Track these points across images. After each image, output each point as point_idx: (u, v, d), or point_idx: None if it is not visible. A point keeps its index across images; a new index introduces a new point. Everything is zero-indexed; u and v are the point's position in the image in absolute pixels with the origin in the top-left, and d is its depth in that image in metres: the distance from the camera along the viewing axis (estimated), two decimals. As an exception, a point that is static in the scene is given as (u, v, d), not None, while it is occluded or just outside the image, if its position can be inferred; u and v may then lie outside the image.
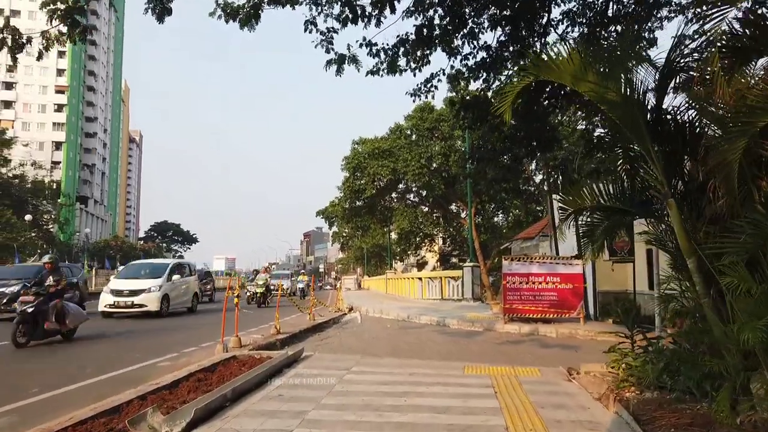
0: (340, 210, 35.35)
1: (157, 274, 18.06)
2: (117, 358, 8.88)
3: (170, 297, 17.72)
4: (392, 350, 10.21)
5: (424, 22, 10.46)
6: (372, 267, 66.61)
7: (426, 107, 29.37)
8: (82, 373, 7.51)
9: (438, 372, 7.09)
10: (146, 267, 19.52)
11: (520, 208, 34.05)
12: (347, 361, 7.78)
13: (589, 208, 5.19)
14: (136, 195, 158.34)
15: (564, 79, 4.42)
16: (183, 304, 19.22)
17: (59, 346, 10.69)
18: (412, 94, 12.48)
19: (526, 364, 8.45)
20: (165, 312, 17.17)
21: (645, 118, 4.33)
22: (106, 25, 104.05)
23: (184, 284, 19.36)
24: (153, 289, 17.03)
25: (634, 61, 4.32)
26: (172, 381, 6.25)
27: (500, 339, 12.29)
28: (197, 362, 7.63)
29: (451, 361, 8.41)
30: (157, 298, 16.94)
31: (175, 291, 18.41)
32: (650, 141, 4.28)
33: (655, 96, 4.51)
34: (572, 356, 9.82)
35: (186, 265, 21.18)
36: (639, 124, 4.24)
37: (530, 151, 13.62)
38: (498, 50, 11.86)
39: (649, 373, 4.92)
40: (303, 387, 6.15)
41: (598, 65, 4.23)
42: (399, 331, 14.04)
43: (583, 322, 13.94)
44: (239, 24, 9.85)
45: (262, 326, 13.27)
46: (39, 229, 54.11)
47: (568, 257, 15.06)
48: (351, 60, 9.69)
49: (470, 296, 23.12)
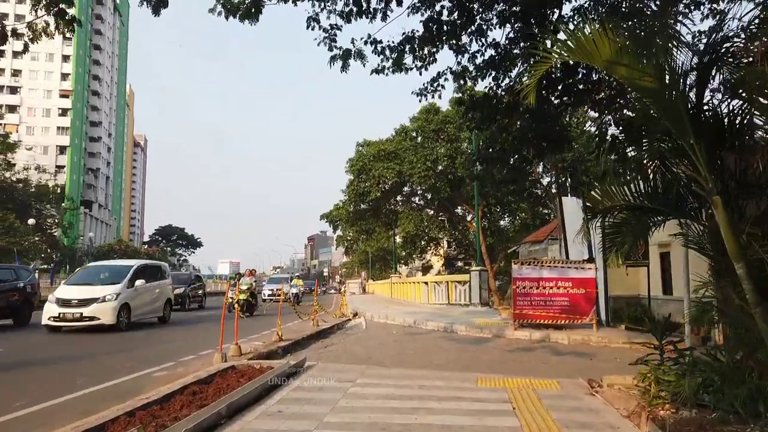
0: (344, 213, 34.94)
1: (118, 278, 15.04)
2: (110, 368, 8.46)
3: (132, 306, 14.74)
4: (399, 359, 9.76)
5: (432, 16, 10.06)
6: (376, 271, 66.12)
7: (432, 108, 28.97)
8: (71, 385, 7.08)
9: (449, 384, 6.63)
10: (105, 270, 16.25)
11: (527, 211, 33.56)
12: (352, 372, 7.33)
13: (617, 207, 4.75)
14: (140, 199, 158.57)
15: (595, 62, 3.98)
16: (151, 314, 16.35)
17: (52, 352, 10.30)
18: (418, 94, 12.09)
19: (541, 373, 8.00)
20: (124, 325, 14.21)
21: (686, 108, 3.88)
22: (110, 30, 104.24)
23: (151, 290, 16.32)
24: (108, 298, 13.95)
25: (673, 42, 3.87)
26: (165, 395, 5.82)
27: (511, 346, 11.83)
28: (194, 372, 7.20)
29: (463, 372, 7.94)
30: (113, 308, 13.86)
31: (140, 299, 15.41)
32: (692, 133, 3.83)
33: (696, 83, 4.07)
34: (588, 365, 9.39)
35: (157, 267, 18.34)
36: (680, 114, 3.80)
37: (540, 151, 13.21)
38: (507, 47, 11.48)
39: (686, 389, 4.45)
40: (305, 402, 5.71)
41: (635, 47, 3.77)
42: (405, 337, 13.58)
43: (596, 329, 13.47)
44: (239, 18, 9.49)
45: (264, 333, 12.85)
46: (42, 233, 53.95)
47: (580, 261, 14.60)
48: (357, 55, 9.27)
49: (478, 301, 22.61)
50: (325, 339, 12.97)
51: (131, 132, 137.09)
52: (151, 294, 16.29)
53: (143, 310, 15.70)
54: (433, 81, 11.86)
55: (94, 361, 9.62)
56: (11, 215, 45.10)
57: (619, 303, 16.11)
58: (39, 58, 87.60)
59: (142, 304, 15.56)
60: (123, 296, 14.41)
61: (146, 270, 16.49)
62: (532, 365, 9.27)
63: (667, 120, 3.90)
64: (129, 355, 10.11)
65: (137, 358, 9.65)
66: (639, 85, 3.87)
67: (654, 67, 3.72)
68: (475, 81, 12.26)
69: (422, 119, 29.31)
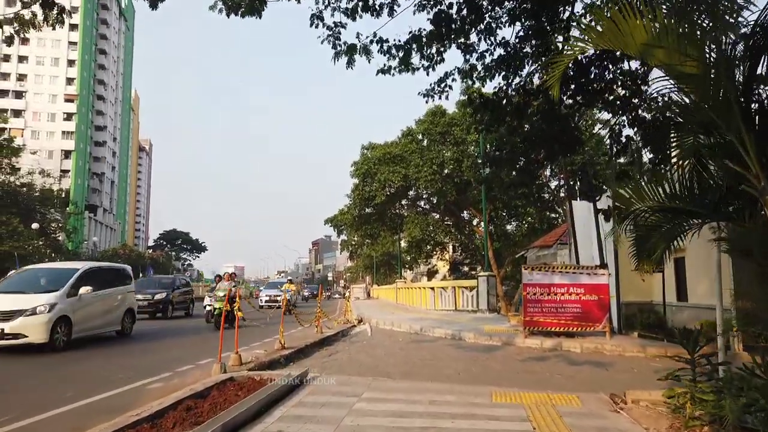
0: (349, 218, 34.52)
1: (56, 285, 12.10)
2: (104, 379, 8.07)
3: (74, 320, 11.91)
4: (407, 369, 9.33)
5: (439, 12, 9.70)
6: (381, 275, 65.68)
7: (438, 111, 28.55)
8: (61, 398, 6.69)
9: (462, 399, 6.19)
10: (44, 274, 13.06)
11: (534, 215, 33.07)
12: (357, 386, 6.90)
13: (648, 208, 4.33)
14: (146, 204, 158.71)
15: (629, 48, 3.58)
16: (105, 327, 13.54)
17: (44, 361, 9.92)
18: (425, 95, 11.74)
19: (557, 386, 7.57)
20: (61, 343, 11.43)
21: (736, 96, 3.47)
22: (116, 35, 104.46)
23: (105, 299, 13.44)
24: (40, 310, 11.15)
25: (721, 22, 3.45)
26: (156, 411, 5.42)
27: (522, 355, 11.40)
28: (190, 385, 6.80)
29: (475, 385, 7.50)
30: (44, 323, 11.09)
31: (86, 310, 12.48)
32: (743, 124, 3.41)
33: (744, 70, 3.64)
34: (605, 376, 8.98)
35: (114, 270, 15.30)
36: (729, 103, 3.39)
37: (551, 153, 12.82)
38: (517, 46, 11.11)
39: (728, 410, 4.02)
40: (307, 419, 5.29)
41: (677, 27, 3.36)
42: (412, 345, 13.15)
43: (609, 337, 13.04)
44: (240, 14, 9.15)
45: (266, 340, 12.46)
46: (46, 237, 53.74)
47: (593, 266, 14.18)
48: (363, 50, 8.89)
49: (485, 307, 22.13)
50: (330, 347, 12.56)
51: (136, 136, 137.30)
52: (105, 303, 13.44)
53: (91, 324, 12.77)
54: (441, 81, 11.50)
55: (94, 371, 9.24)
56: (15, 219, 44.87)
57: (631, 309, 15.67)
58: (44, 63, 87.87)
59: (89, 317, 12.62)
60: (60, 307, 11.58)
61: (97, 274, 13.58)
62: (546, 376, 8.85)
63: (713, 110, 3.48)
64: (124, 363, 9.72)
65: (132, 367, 9.25)
66: (680, 71, 3.46)
67: (698, 49, 3.31)
68: (483, 81, 11.92)
69: (428, 122, 28.89)
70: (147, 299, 21.32)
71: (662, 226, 4.50)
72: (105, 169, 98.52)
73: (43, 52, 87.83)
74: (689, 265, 14.00)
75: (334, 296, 71.45)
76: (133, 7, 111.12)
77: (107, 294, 13.62)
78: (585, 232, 17.39)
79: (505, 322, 17.61)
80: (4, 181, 48.71)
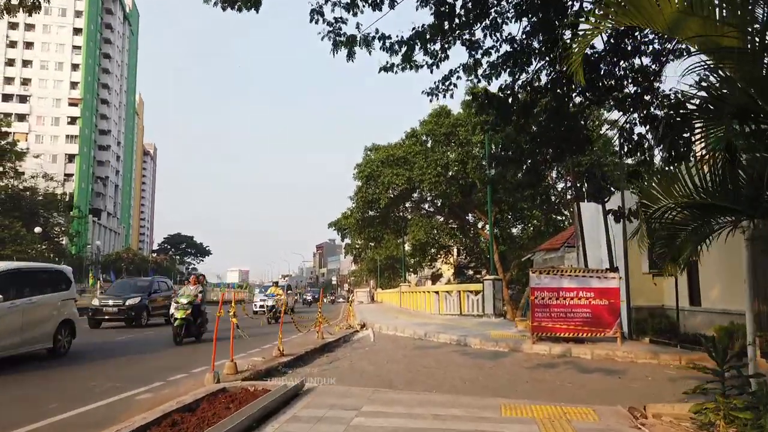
0: (352, 222, 34.08)
1: None
2: (91, 389, 7.68)
3: None
4: (410, 377, 8.90)
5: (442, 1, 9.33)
6: (385, 279, 65.22)
7: (442, 111, 28.10)
8: (43, 410, 6.30)
9: (469, 413, 5.75)
10: None
11: (540, 218, 32.57)
12: (357, 398, 6.47)
13: (676, 205, 3.91)
14: (150, 207, 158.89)
15: (655, 22, 3.18)
16: (29, 345, 10.46)
17: (30, 370, 9.54)
18: (428, 94, 11.35)
19: (569, 396, 7.14)
20: None
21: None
22: (120, 39, 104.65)
23: (27, 309, 10.37)
24: None
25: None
26: (140, 426, 5.02)
27: (530, 362, 10.95)
28: (178, 397, 6.39)
29: (483, 396, 7.06)
30: None
31: None
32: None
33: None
34: (618, 385, 8.54)
35: (46, 272, 12.21)
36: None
37: (559, 153, 12.42)
38: (524, 42, 10.73)
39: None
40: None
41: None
42: (416, 351, 12.72)
43: (620, 342, 12.58)
44: (237, 9, 8.79)
45: (265, 346, 12.04)
46: (49, 241, 53.61)
47: (603, 270, 13.72)
48: (363, 42, 8.50)
49: (491, 312, 21.65)
50: (330, 353, 12.15)
51: (140, 140, 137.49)
52: (27, 315, 10.37)
53: (6, 342, 9.77)
54: (445, 79, 11.13)
55: (81, 380, 8.84)
56: (18, 223, 44.71)
57: (641, 314, 15.19)
58: (48, 67, 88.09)
59: (6, 332, 9.78)
60: None
61: (15, 279, 10.51)
62: (557, 385, 8.40)
63: (755, 88, 3.07)
64: (113, 372, 9.32)
65: (121, 377, 8.86)
66: (716, 44, 3.05)
67: (740, 16, 2.90)
68: (489, 80, 11.55)
69: (432, 123, 28.43)
70: (117, 305, 19.17)
71: (689, 224, 4.09)
72: (109, 173, 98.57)
73: (47, 56, 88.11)
74: (702, 268, 13.53)
75: (338, 300, 71.14)
76: (137, 11, 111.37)
77: (30, 304, 10.54)
78: (593, 234, 16.95)
79: (512, 327, 17.16)
80: (8, 185, 48.60)
